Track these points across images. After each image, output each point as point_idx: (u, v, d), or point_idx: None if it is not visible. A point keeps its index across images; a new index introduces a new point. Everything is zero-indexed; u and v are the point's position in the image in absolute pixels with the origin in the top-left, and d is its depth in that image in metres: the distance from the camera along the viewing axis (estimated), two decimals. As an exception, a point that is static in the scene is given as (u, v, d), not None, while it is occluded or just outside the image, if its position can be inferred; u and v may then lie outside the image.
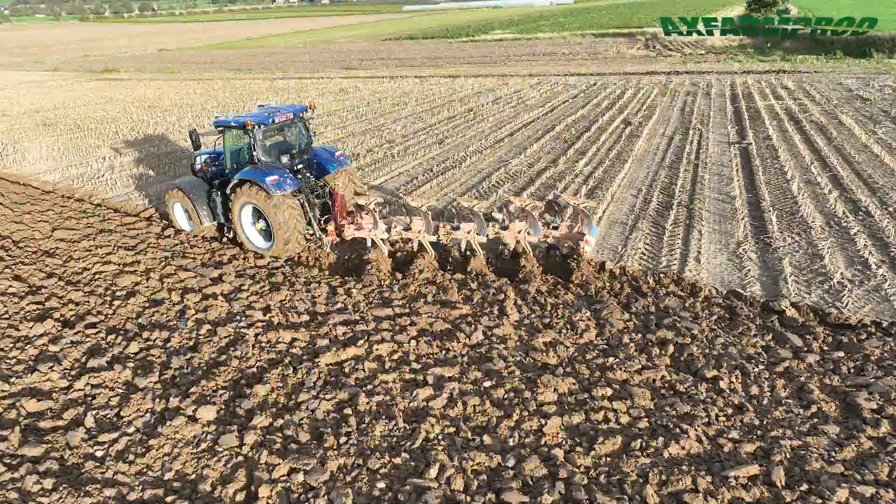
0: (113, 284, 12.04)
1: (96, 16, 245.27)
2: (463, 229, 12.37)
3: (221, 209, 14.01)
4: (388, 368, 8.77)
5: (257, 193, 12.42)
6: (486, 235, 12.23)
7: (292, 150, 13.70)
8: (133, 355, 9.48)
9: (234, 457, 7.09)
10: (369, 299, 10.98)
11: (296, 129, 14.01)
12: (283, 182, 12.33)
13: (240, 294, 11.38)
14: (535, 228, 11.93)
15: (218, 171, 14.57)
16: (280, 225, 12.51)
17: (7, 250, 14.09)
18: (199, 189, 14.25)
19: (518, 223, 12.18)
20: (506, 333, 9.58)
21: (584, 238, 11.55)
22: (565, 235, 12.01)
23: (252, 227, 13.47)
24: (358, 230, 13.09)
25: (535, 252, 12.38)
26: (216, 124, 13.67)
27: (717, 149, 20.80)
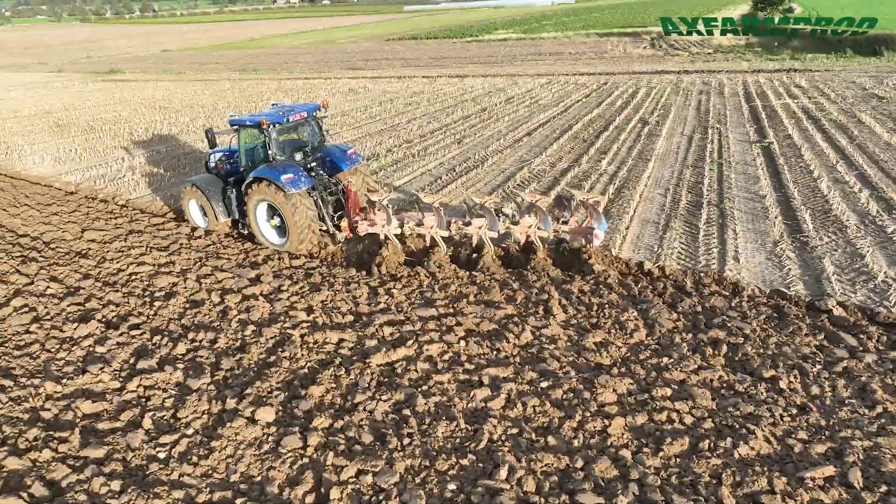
0: (150, 285, 11.99)
1: (97, 17, 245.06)
2: (474, 225, 12.50)
3: (236, 205, 14.28)
4: (441, 369, 8.72)
5: (273, 191, 12.65)
6: (498, 231, 12.32)
7: (306, 148, 14.01)
8: (181, 356, 9.42)
9: (299, 458, 7.03)
10: (411, 299, 10.93)
11: (309, 128, 14.25)
12: (297, 180, 12.59)
13: (280, 295, 11.33)
14: (546, 223, 12.05)
15: (233, 168, 14.75)
16: (295, 222, 12.78)
17: (39, 251, 14.04)
18: (214, 186, 14.53)
19: (528, 218, 12.29)
20: (554, 333, 9.53)
21: (594, 232, 11.65)
22: (575, 230, 12.12)
23: (267, 223, 13.72)
24: (371, 226, 13.27)
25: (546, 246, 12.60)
26: (231, 123, 13.84)
27: (738, 148, 20.77)
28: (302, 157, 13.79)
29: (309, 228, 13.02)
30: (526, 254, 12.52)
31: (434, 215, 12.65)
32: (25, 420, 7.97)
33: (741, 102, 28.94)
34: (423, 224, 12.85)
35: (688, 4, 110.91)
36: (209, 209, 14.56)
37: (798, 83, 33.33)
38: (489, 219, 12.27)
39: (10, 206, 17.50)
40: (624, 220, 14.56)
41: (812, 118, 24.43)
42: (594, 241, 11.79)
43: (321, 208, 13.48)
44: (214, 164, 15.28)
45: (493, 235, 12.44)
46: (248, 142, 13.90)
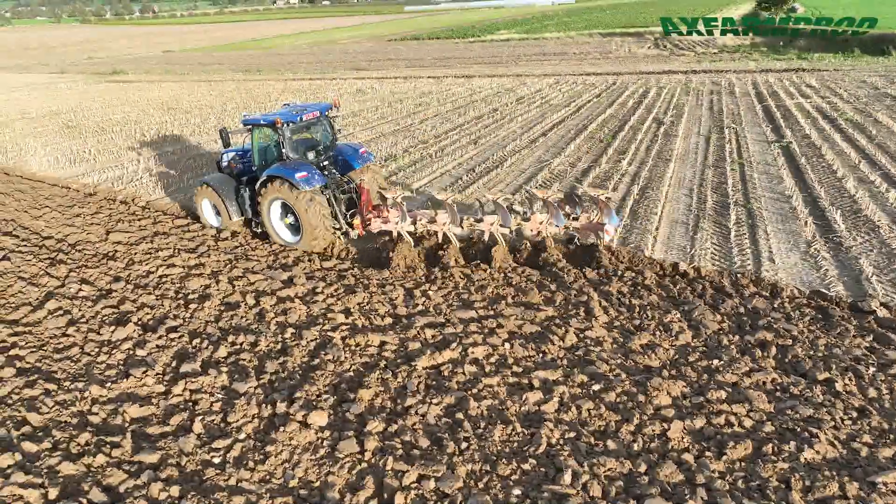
0: (183, 287, 11.91)
1: (97, 18, 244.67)
2: (486, 221, 12.56)
3: (249, 204, 14.41)
4: (490, 372, 8.65)
5: (287, 189, 12.83)
6: (510, 227, 12.42)
7: (318, 147, 14.11)
8: (223, 360, 9.34)
9: (358, 463, 6.95)
10: (449, 301, 10.86)
11: (321, 127, 14.40)
12: (311, 178, 12.74)
13: (315, 297, 11.24)
14: (558, 219, 12.09)
15: (245, 167, 14.87)
16: (309, 220, 12.95)
17: (67, 254, 13.95)
18: (227, 185, 14.64)
19: (539, 215, 12.39)
20: (599, 336, 9.46)
21: (604, 228, 11.76)
22: (585, 226, 12.21)
23: (280, 221, 13.90)
24: (385, 223, 13.33)
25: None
26: (245, 122, 13.95)
27: (757, 148, 20.71)
28: (315, 156, 13.90)
29: (322, 226, 13.17)
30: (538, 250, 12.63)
31: (447, 212, 12.68)
32: (74, 424, 7.89)
33: (753, 102, 28.89)
34: (436, 221, 12.90)
35: (688, 4, 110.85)
36: (222, 208, 14.65)
37: (809, 83, 33.27)
38: (501, 215, 12.31)
39: (32, 208, 17.40)
40: (652, 220, 14.49)
41: (828, 118, 24.37)
42: (605, 237, 11.94)
43: (334, 206, 13.61)
44: (227, 163, 15.36)
45: (505, 232, 12.55)
46: (260, 141, 14.01)
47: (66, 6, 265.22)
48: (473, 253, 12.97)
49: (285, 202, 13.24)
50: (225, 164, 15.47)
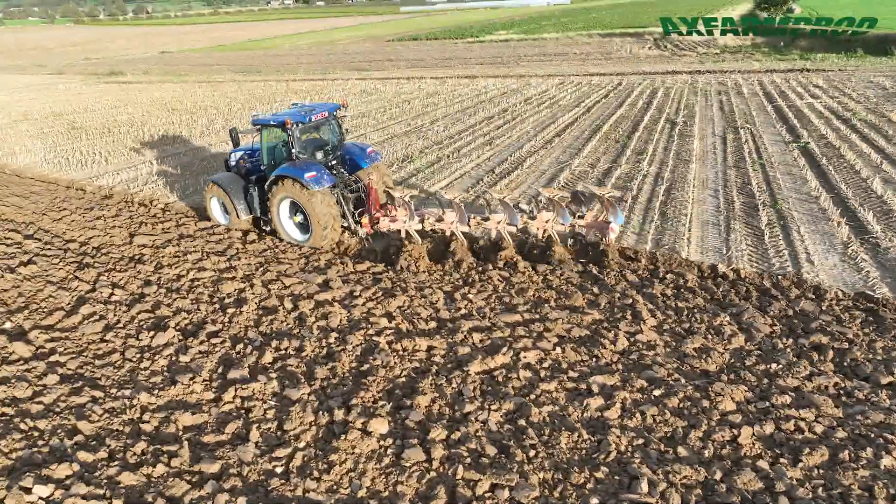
0: (217, 291, 11.72)
1: (91, 18, 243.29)
2: (493, 220, 12.79)
3: (258, 202, 14.60)
4: (545, 377, 8.51)
5: (296, 188, 13.03)
6: (516, 225, 12.66)
7: (327, 147, 14.31)
8: (270, 365, 9.17)
9: (426, 472, 6.81)
10: (491, 304, 10.71)
11: (330, 127, 14.55)
12: (320, 178, 12.93)
13: (355, 300, 11.08)
14: (564, 217, 12.30)
15: (254, 166, 15.06)
16: (318, 218, 13.13)
17: (93, 257, 13.73)
18: (235, 184, 14.83)
19: (545, 213, 12.67)
20: (650, 339, 9.34)
21: (609, 226, 12.03)
22: (591, 224, 12.50)
23: (290, 220, 14.11)
24: (393, 222, 13.58)
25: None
26: (254, 122, 14.07)
27: (775, 148, 20.66)
28: (323, 156, 14.06)
29: (331, 225, 13.34)
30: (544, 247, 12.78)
31: (454, 211, 12.84)
32: (127, 433, 7.71)
33: (763, 102, 28.87)
34: (444, 220, 13.10)
35: (686, 4, 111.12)
36: (231, 206, 14.78)
37: (816, 83, 33.28)
38: (508, 213, 12.54)
39: (50, 210, 17.16)
40: (682, 221, 14.39)
41: (841, 118, 24.34)
42: (609, 235, 12.15)
43: (342, 205, 13.83)
44: (235, 162, 15.53)
45: (512, 230, 12.77)
46: (269, 141, 14.15)
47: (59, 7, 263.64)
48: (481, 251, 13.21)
49: (295, 201, 13.41)
50: (233, 163, 15.63)
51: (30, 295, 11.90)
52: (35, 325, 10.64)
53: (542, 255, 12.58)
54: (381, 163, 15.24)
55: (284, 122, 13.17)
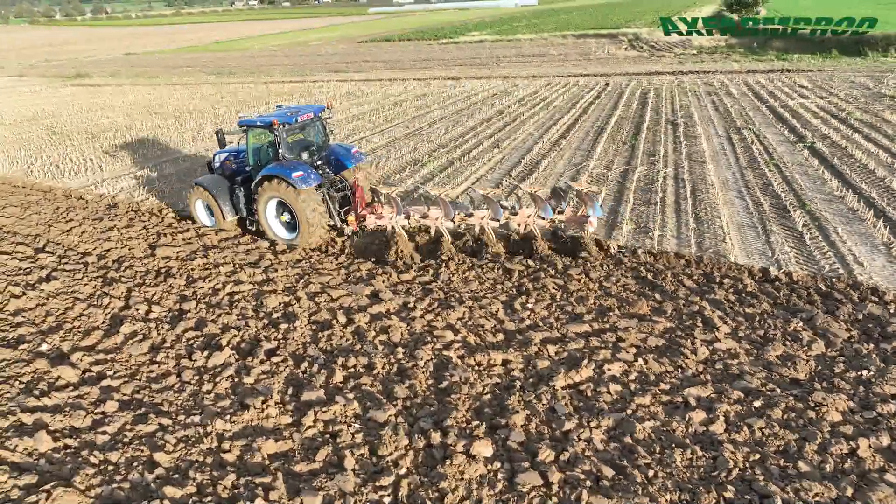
0: (261, 305, 11.19)
1: (47, 19, 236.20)
2: (476, 215, 13.23)
3: (245, 203, 14.82)
4: (636, 391, 8.24)
5: (283, 188, 13.33)
6: (499, 221, 13.12)
7: (312, 148, 14.65)
8: (343, 385, 8.72)
9: (547, 497, 6.47)
10: (554, 314, 10.41)
11: (315, 128, 14.90)
12: (307, 177, 13.25)
13: (411, 313, 10.67)
14: (546, 212, 12.94)
15: (239, 167, 15.34)
16: (306, 217, 13.44)
17: (117, 271, 13.03)
18: (220, 185, 15.01)
19: (527, 209, 13.16)
20: (729, 347, 9.15)
21: (588, 220, 12.51)
22: (571, 218, 12.94)
23: (276, 219, 14.41)
24: (379, 219, 13.91)
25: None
26: (241, 124, 14.34)
27: (783, 149, 20.78)
28: (309, 156, 14.39)
29: (318, 223, 13.68)
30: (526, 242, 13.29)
31: (439, 207, 13.31)
32: (210, 464, 7.20)
33: (756, 103, 29.16)
34: (429, 216, 13.53)
35: (652, 6, 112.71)
36: (216, 208, 14.96)
37: (801, 83, 33.80)
38: (492, 209, 13.05)
39: (56, 221, 16.30)
40: (717, 223, 14.32)
41: (837, 118, 24.65)
42: (588, 229, 12.63)
43: (329, 204, 14.19)
44: (220, 164, 15.71)
45: (496, 225, 13.21)
46: (255, 142, 14.49)
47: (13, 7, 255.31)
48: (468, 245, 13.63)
49: (282, 200, 13.71)
50: (217, 164, 15.80)
51: (59, 313, 11.21)
52: (75, 347, 10.00)
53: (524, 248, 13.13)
54: (366, 163, 15.77)
55: (271, 123, 13.39)
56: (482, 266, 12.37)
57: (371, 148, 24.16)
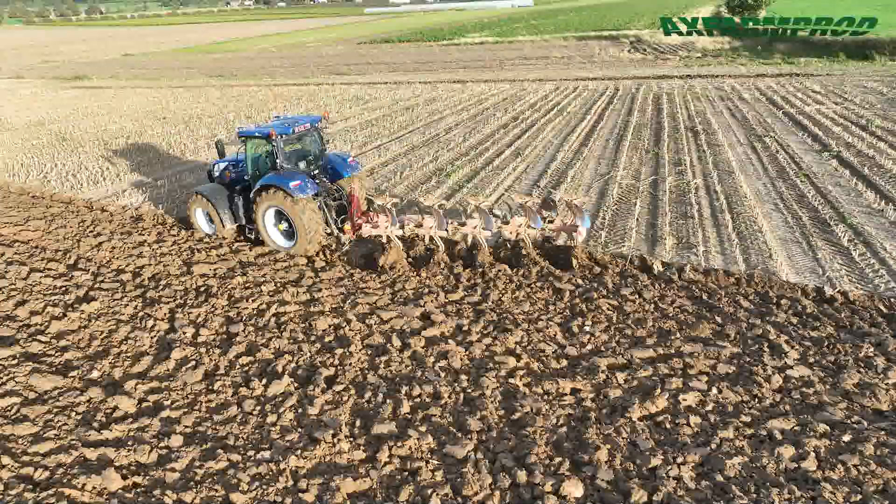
0: (311, 328, 10.92)
1: (42, 19, 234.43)
2: (469, 225, 13.56)
3: (243, 211, 15.16)
4: (716, 423, 8.03)
5: (281, 197, 13.61)
6: (491, 230, 13.43)
7: (309, 157, 15.04)
8: (411, 416, 8.48)
9: (650, 543, 6.24)
10: (614, 337, 10.20)
11: (312, 138, 15.23)
12: (304, 186, 13.56)
13: (467, 336, 10.44)
14: (535, 222, 13.29)
15: (238, 176, 15.66)
16: (303, 226, 13.74)
17: (155, 290, 12.73)
18: (220, 194, 15.37)
19: (518, 218, 13.46)
20: (802, 375, 8.96)
21: (577, 229, 13.01)
22: (560, 227, 13.42)
23: (275, 228, 14.72)
24: (374, 228, 14.22)
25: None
26: (240, 134, 14.68)
27: (809, 158, 20.66)
28: (306, 165, 14.83)
29: (315, 231, 13.96)
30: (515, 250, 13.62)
31: (433, 217, 13.64)
32: (291, 505, 6.95)
33: (771, 109, 29.05)
34: (423, 225, 13.85)
35: (650, 6, 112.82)
36: (216, 216, 15.28)
37: (813, 88, 33.74)
38: (484, 219, 13.36)
39: (84, 236, 15.95)
40: (760, 238, 14.14)
41: (857, 125, 24.56)
42: (577, 238, 13.09)
43: (326, 212, 14.58)
44: (220, 173, 16.07)
45: (488, 235, 13.51)
46: (254, 151, 14.80)
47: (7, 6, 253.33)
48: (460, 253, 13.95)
49: (280, 209, 14.02)
50: (217, 173, 16.18)
51: (104, 336, 10.92)
52: (126, 374, 9.72)
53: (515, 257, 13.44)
54: (362, 172, 16.18)
55: (269, 134, 13.72)
56: (531, 285, 12.13)
57: (391, 156, 23.92)
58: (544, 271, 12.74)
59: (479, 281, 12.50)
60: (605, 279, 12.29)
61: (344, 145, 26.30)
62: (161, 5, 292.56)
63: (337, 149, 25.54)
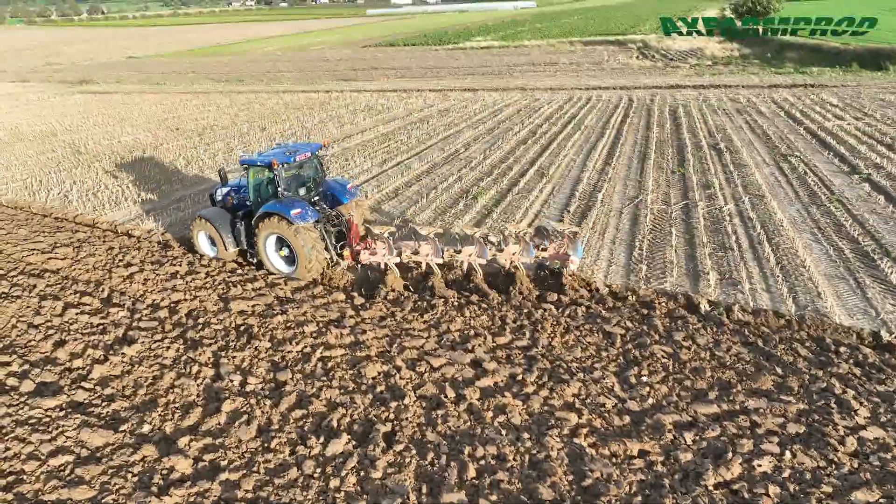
0: (359, 375, 10.67)
1: (43, 19, 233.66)
2: (465, 252, 14.06)
3: (245, 236, 15.52)
4: (796, 493, 7.80)
5: (283, 225, 14.04)
6: (486, 258, 13.88)
7: (309, 184, 15.50)
8: (478, 481, 8.23)
9: None
10: (674, 390, 9.96)
11: (312, 165, 15.68)
12: (305, 214, 14.03)
13: (523, 387, 10.19)
14: (529, 250, 13.61)
15: (241, 202, 16.06)
16: (304, 253, 14.16)
17: (194, 329, 12.47)
18: (222, 218, 15.82)
19: (512, 246, 13.81)
20: (878, 437, 8.76)
21: (569, 258, 13.47)
22: (553, 255, 13.86)
23: (276, 254, 15.15)
24: (372, 255, 14.62)
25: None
26: (242, 162, 15.19)
27: (839, 181, 20.46)
28: (306, 192, 15.30)
29: (315, 258, 14.35)
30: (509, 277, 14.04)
31: (429, 244, 14.05)
32: (369, 588, 6.70)
33: (791, 125, 28.83)
34: (419, 252, 14.26)
35: (654, 9, 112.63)
36: (218, 240, 15.71)
37: (830, 101, 33.56)
38: (478, 247, 13.85)
39: (115, 267, 15.67)
40: (804, 274, 13.91)
41: (882, 143, 24.39)
42: (570, 266, 13.53)
43: (325, 238, 14.85)
44: (223, 197, 16.59)
45: (482, 262, 13.98)
46: (256, 178, 15.21)
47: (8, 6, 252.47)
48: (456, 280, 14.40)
49: (281, 236, 14.40)
50: (220, 197, 16.68)
51: (149, 384, 10.68)
52: (178, 428, 9.48)
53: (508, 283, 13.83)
54: (361, 198, 16.63)
55: (271, 164, 14.07)
56: (579, 328, 11.90)
57: (414, 175, 23.68)
58: (591, 311, 12.51)
59: (526, 322, 12.24)
60: (654, 321, 12.06)
61: (364, 162, 26.07)
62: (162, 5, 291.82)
63: (359, 166, 25.37)
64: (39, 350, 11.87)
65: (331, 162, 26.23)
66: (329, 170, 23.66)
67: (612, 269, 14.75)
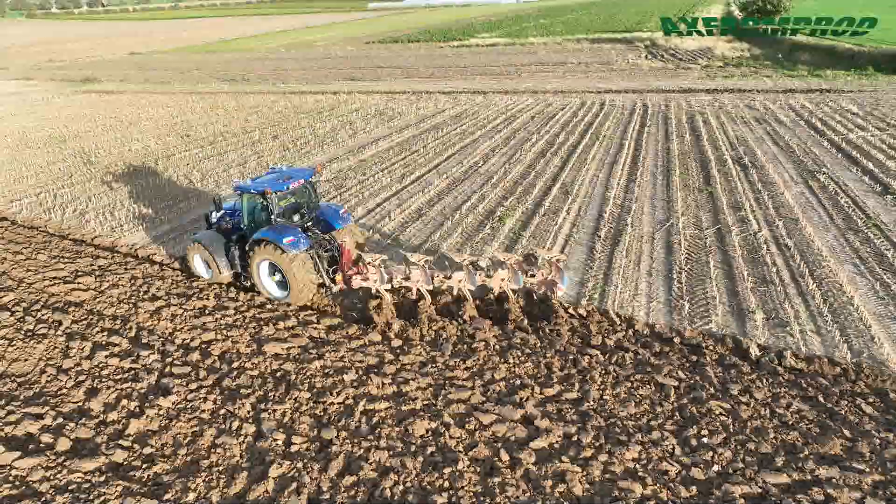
0: (407, 434, 10.26)
1: (43, 12, 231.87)
2: (454, 278, 14.17)
3: (239, 260, 15.77)
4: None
5: (276, 253, 14.25)
6: (475, 285, 14.13)
7: (302, 210, 15.72)
8: (548, 566, 7.84)
9: None
10: (738, 454, 9.57)
11: (305, 191, 15.82)
12: (297, 242, 14.25)
13: (580, 451, 9.79)
14: (517, 277, 13.87)
15: (235, 226, 16.31)
16: (296, 279, 14.41)
17: (229, 376, 12.03)
18: (217, 242, 16.09)
19: (501, 272, 13.99)
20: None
21: (557, 285, 13.77)
22: (541, 282, 14.08)
23: (269, 278, 15.42)
24: (364, 280, 14.74)
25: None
26: (236, 189, 15.36)
27: (872, 202, 20.06)
28: (299, 218, 15.50)
29: (307, 286, 14.69)
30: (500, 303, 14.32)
31: (420, 271, 14.15)
32: None
33: (813, 136, 28.40)
34: (410, 279, 14.38)
35: (659, 5, 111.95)
36: (213, 263, 15.96)
37: (849, 108, 33.11)
38: (467, 273, 14.01)
39: (142, 300, 15.24)
40: (853, 314, 13.49)
41: (912, 158, 23.92)
42: (557, 293, 13.88)
43: (317, 263, 14.92)
44: (217, 219, 16.83)
45: (472, 288, 14.15)
46: (249, 203, 15.39)
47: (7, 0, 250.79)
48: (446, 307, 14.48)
49: (273, 263, 14.61)
50: (214, 220, 16.90)
51: (188, 441, 10.27)
52: (224, 497, 9.08)
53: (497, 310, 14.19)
54: (353, 223, 16.70)
55: (264, 192, 14.36)
56: (629, 378, 11.50)
57: (435, 193, 23.22)
58: (639, 357, 12.12)
59: (574, 371, 11.84)
60: (706, 370, 11.67)
61: (383, 177, 25.59)
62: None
63: (379, 182, 24.92)
64: (71, 400, 11.46)
65: (348, 177, 25.83)
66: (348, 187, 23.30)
67: (654, 306, 14.34)
